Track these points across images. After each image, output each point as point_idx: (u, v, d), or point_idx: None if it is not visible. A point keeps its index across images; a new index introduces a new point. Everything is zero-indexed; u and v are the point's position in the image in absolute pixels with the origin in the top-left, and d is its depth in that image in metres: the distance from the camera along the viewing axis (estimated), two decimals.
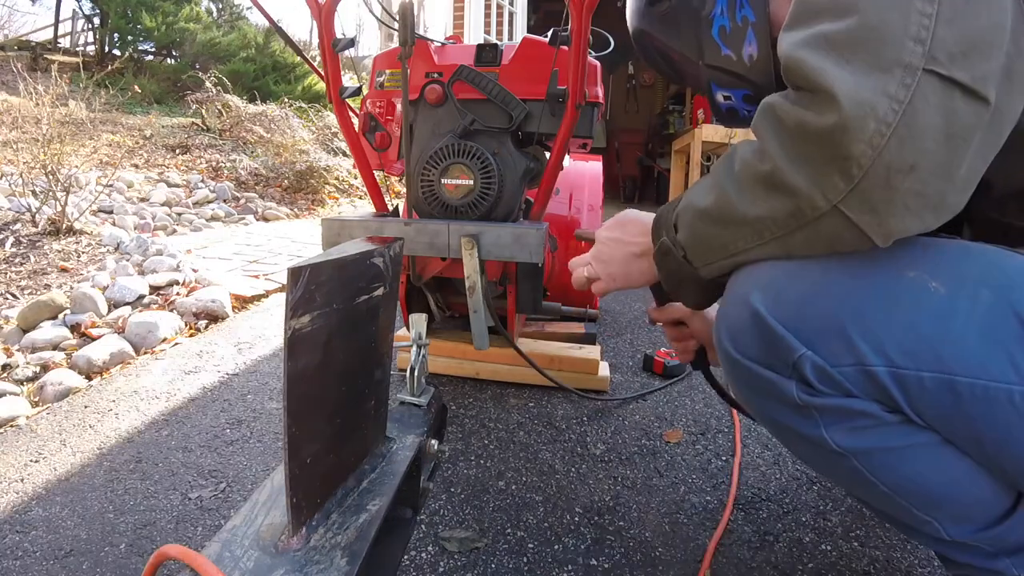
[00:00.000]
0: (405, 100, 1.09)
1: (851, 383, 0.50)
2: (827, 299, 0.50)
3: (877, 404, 0.51)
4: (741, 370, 0.56)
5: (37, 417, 1.30)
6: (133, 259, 2.34)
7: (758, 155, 0.50)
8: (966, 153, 0.44)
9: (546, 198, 1.22)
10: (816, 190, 0.46)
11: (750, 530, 0.93)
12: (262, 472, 1.08)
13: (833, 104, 0.44)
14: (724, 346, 0.57)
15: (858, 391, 0.51)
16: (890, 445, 0.52)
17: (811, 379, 0.51)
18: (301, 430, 0.48)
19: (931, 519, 0.56)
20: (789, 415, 0.55)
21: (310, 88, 7.31)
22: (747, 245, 0.53)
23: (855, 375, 0.50)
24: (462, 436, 1.21)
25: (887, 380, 0.49)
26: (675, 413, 1.33)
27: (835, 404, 0.52)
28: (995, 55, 0.43)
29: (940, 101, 0.43)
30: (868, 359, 0.49)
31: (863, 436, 0.52)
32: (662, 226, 0.63)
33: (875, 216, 0.45)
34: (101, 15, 7.80)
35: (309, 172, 4.92)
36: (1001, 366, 0.46)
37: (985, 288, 0.48)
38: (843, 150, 0.44)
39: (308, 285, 0.46)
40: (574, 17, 1.00)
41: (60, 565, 0.85)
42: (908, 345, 0.48)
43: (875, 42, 0.44)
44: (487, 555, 0.86)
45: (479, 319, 1.16)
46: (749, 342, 0.54)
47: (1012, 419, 0.47)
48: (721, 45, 0.69)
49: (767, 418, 0.59)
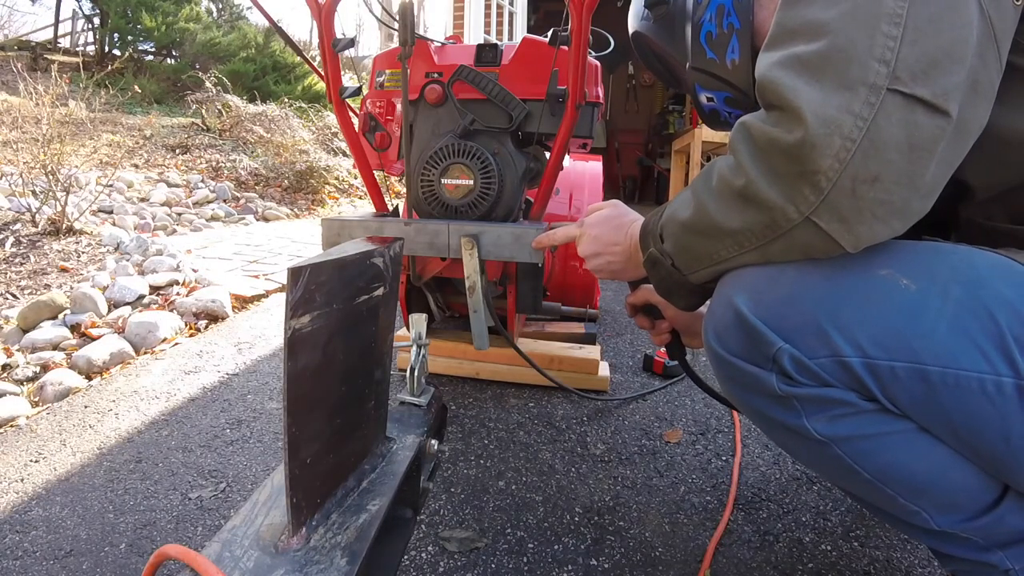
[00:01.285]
0: (405, 100, 1.09)
1: (827, 373, 0.53)
2: (804, 298, 0.54)
3: (854, 393, 0.54)
4: (726, 366, 0.59)
5: (37, 417, 1.30)
6: (133, 259, 2.34)
7: (733, 170, 0.53)
8: (929, 163, 0.47)
9: (546, 198, 1.22)
10: (788, 203, 0.49)
11: (750, 530, 0.93)
12: (262, 472, 1.08)
13: (801, 121, 0.47)
14: (711, 344, 0.60)
15: (835, 381, 0.53)
16: (869, 432, 0.55)
17: (789, 370, 0.54)
18: (301, 430, 0.48)
19: (918, 508, 0.57)
20: (772, 407, 0.57)
21: (310, 88, 7.31)
22: (729, 254, 0.57)
23: (831, 366, 0.52)
24: (462, 436, 1.21)
25: (861, 370, 0.51)
26: (675, 413, 1.33)
27: (813, 394, 0.54)
28: (957, 70, 0.47)
29: (902, 116, 0.46)
30: (843, 351, 0.52)
31: (842, 424, 0.55)
32: (649, 236, 0.67)
33: (844, 224, 0.48)
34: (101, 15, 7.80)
35: (309, 172, 4.92)
36: (971, 356, 0.48)
37: (955, 284, 0.50)
38: (812, 164, 0.47)
39: (308, 285, 0.46)
40: (574, 17, 1.00)
41: (60, 565, 0.85)
42: (880, 338, 0.51)
43: (842, 63, 0.47)
44: (487, 555, 0.86)
45: (479, 319, 1.16)
46: (733, 340, 0.57)
47: (984, 407, 0.49)
48: (707, 49, 0.73)
49: (753, 411, 0.61)
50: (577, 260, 1.65)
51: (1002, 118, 0.52)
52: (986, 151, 0.52)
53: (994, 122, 0.51)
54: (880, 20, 0.46)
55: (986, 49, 0.48)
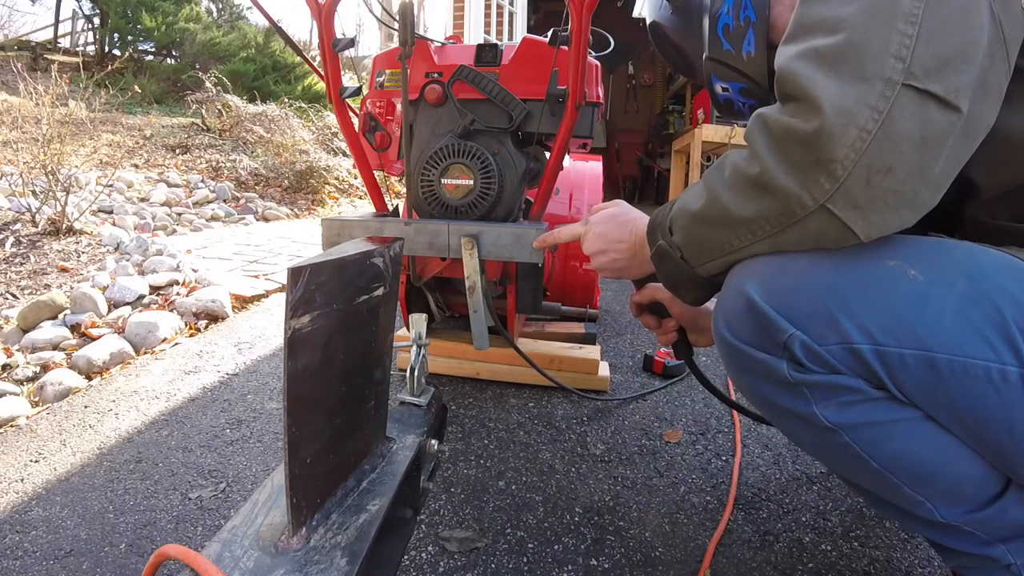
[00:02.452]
0: (405, 100, 1.09)
1: (837, 360, 0.54)
2: (815, 286, 0.55)
3: (863, 381, 0.54)
4: (737, 354, 0.60)
5: (37, 417, 1.30)
6: (133, 259, 2.34)
7: (748, 160, 0.55)
8: (940, 156, 0.48)
9: (546, 198, 1.22)
10: (804, 191, 0.50)
11: (750, 530, 0.93)
12: (262, 472, 1.08)
13: (818, 111, 0.48)
14: (721, 332, 0.61)
15: (844, 368, 0.54)
16: (877, 420, 0.55)
17: (800, 357, 0.55)
18: (301, 430, 0.48)
19: (923, 499, 0.58)
20: (782, 394, 0.58)
21: (310, 88, 7.31)
22: (741, 243, 0.57)
23: (841, 353, 0.53)
24: (462, 436, 1.21)
25: (870, 357, 0.52)
26: (675, 413, 1.33)
27: (823, 380, 0.55)
28: (969, 69, 0.48)
29: (916, 111, 0.47)
30: (852, 337, 0.53)
31: (851, 411, 0.55)
32: (657, 230, 0.68)
33: (858, 212, 0.50)
34: (101, 15, 7.80)
35: (309, 172, 4.92)
36: (977, 345, 0.50)
37: (961, 277, 0.52)
38: (828, 153, 0.48)
39: (308, 285, 0.46)
40: (574, 17, 1.00)
41: (60, 565, 0.85)
42: (889, 325, 0.52)
43: (859, 57, 0.49)
44: (487, 555, 0.86)
45: (479, 319, 1.16)
46: (744, 327, 0.58)
47: (989, 395, 0.50)
48: (723, 41, 0.75)
49: (762, 399, 0.62)
50: (577, 260, 1.65)
51: (1009, 119, 0.53)
52: (992, 151, 0.53)
53: (1001, 123, 0.52)
54: (896, 19, 0.48)
55: (996, 51, 0.50)
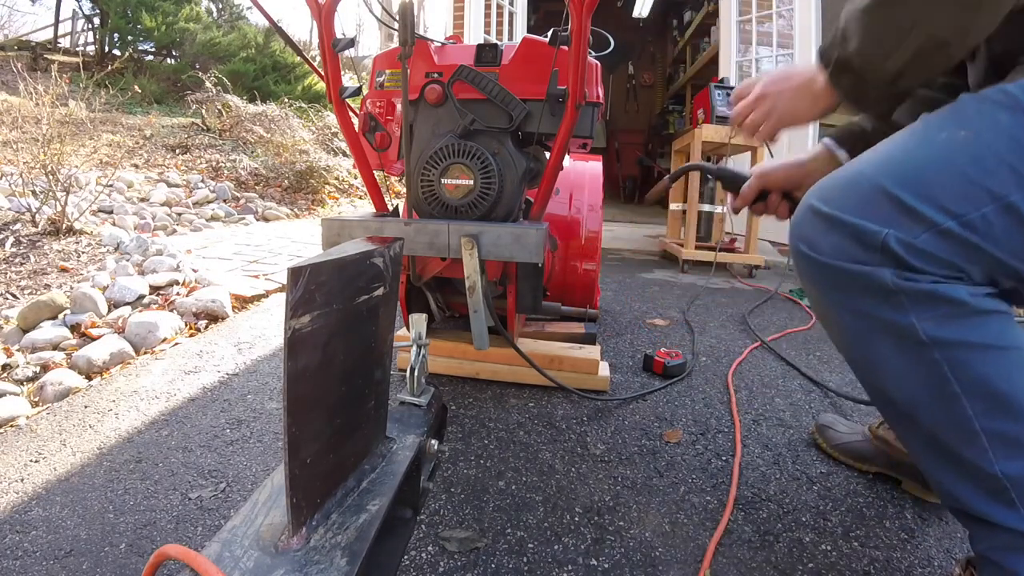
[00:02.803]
0: (405, 100, 1.09)
1: (934, 249, 0.56)
2: (883, 187, 0.58)
3: (964, 289, 0.56)
4: (830, 273, 0.61)
5: (37, 417, 1.30)
6: (133, 259, 2.34)
7: None
8: None
9: (546, 198, 1.22)
10: None
11: (750, 530, 0.93)
12: (262, 472, 1.08)
13: None
14: (810, 258, 0.62)
15: (943, 254, 0.56)
16: (974, 341, 0.56)
17: (900, 253, 0.56)
18: (301, 430, 0.48)
19: (987, 442, 0.57)
20: (880, 306, 0.59)
21: (310, 88, 7.31)
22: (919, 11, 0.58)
23: (933, 240, 0.55)
24: (462, 436, 1.21)
25: (960, 232, 0.55)
26: (675, 413, 1.33)
27: (925, 289, 0.56)
28: None
29: None
30: (936, 219, 0.55)
31: (950, 326, 0.56)
32: (831, 48, 0.69)
33: None
34: (101, 15, 7.79)
35: (309, 172, 4.92)
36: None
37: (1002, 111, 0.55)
38: None
39: (308, 285, 0.46)
40: (574, 17, 1.00)
41: (60, 565, 0.85)
42: (960, 190, 0.55)
43: None
44: (487, 555, 0.86)
45: (479, 319, 1.16)
46: (832, 244, 0.60)
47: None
48: None
49: (855, 314, 0.62)
50: (577, 260, 1.65)
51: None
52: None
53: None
54: None
55: None
